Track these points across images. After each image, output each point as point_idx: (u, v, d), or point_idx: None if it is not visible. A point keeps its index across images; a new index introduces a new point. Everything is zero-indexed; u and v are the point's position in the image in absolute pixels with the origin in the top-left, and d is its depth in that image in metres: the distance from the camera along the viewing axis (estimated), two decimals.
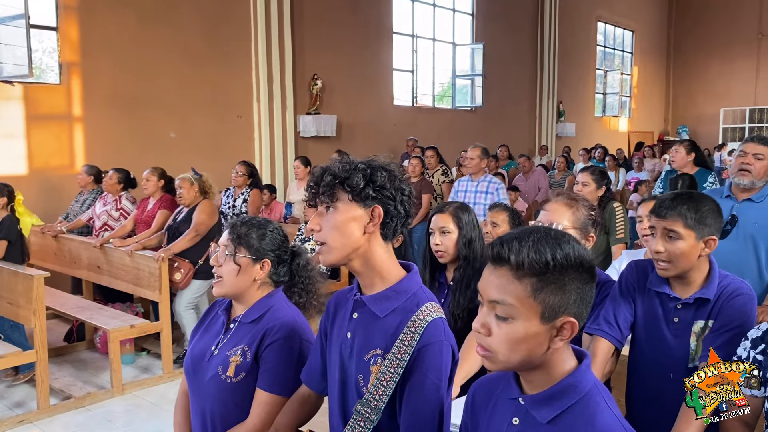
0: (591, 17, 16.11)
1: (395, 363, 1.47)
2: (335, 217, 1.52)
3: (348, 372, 1.59)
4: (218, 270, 1.94)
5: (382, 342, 1.52)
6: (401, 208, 1.55)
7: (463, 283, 2.54)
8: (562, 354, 1.22)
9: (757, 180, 3.17)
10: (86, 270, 5.48)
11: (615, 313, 2.07)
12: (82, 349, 5.50)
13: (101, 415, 4.26)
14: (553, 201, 2.30)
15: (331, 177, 1.52)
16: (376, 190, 1.52)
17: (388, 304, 1.54)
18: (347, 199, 1.52)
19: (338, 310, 1.68)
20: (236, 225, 1.97)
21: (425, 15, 12.06)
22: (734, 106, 17.84)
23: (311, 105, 9.47)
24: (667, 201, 1.97)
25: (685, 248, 1.93)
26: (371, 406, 1.48)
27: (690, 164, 5.00)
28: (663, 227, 1.95)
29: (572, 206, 2.26)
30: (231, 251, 1.93)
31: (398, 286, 1.55)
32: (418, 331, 1.48)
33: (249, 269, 1.93)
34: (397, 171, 1.57)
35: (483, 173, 5.74)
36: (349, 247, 1.53)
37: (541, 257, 1.15)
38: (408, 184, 1.59)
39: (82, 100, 7.16)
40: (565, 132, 15.01)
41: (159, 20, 7.74)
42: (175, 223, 5.12)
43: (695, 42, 18.44)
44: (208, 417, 1.93)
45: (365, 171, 1.52)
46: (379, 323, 1.54)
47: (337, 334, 1.64)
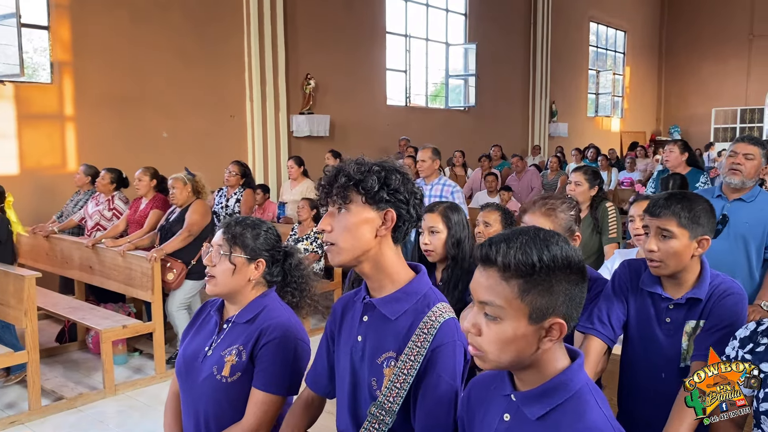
0: (584, 17, 16.16)
1: (408, 365, 1.47)
2: (348, 219, 1.51)
3: (360, 375, 1.58)
4: (212, 270, 1.93)
5: (394, 344, 1.52)
6: (414, 212, 1.55)
7: (451, 283, 2.55)
8: (555, 353, 1.23)
9: (747, 180, 3.19)
10: (78, 270, 5.46)
11: (608, 313, 2.08)
12: (74, 349, 5.47)
13: (93, 416, 4.24)
14: (531, 212, 2.27)
15: (346, 178, 1.50)
16: (390, 194, 1.51)
17: (399, 306, 1.54)
18: (361, 201, 1.51)
19: (345, 314, 1.67)
20: (231, 225, 1.97)
21: (418, 15, 12.07)
22: (725, 107, 17.94)
23: (304, 105, 9.46)
24: (661, 200, 1.98)
25: (678, 247, 1.94)
26: (385, 408, 1.48)
27: (683, 164, 5.02)
28: (657, 226, 1.96)
29: (550, 215, 2.22)
30: (226, 251, 1.92)
31: (408, 288, 1.55)
32: (430, 332, 1.48)
33: (244, 269, 1.92)
34: (410, 174, 1.56)
35: (437, 175, 5.39)
36: (359, 249, 1.52)
37: (528, 259, 1.16)
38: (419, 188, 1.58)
39: (74, 100, 7.13)
40: (558, 132, 15.06)
41: (151, 20, 7.71)
42: (168, 223, 5.10)
43: (687, 42, 18.54)
44: (201, 418, 1.92)
45: (380, 173, 1.51)
46: (391, 325, 1.54)
47: (346, 337, 1.63)
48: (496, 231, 2.91)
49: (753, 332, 1.75)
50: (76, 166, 6.80)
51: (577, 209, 2.34)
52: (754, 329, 1.75)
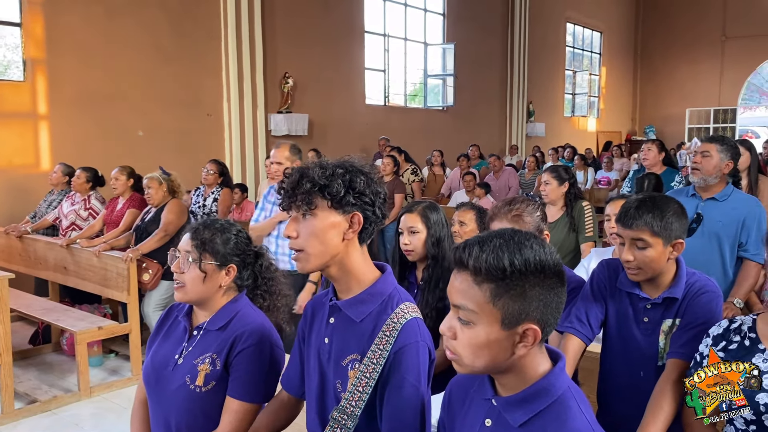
0: (560, 18, 16.30)
1: (371, 368, 1.46)
2: (314, 225, 1.48)
3: (327, 377, 1.57)
4: (180, 277, 1.87)
5: (358, 347, 1.51)
6: (379, 212, 1.53)
7: (431, 283, 2.56)
8: (535, 357, 1.21)
9: (708, 177, 3.22)
10: (52, 271, 5.37)
11: (587, 311, 2.10)
12: (48, 351, 5.39)
13: (68, 419, 4.17)
14: (497, 220, 2.28)
15: (310, 184, 1.47)
16: (356, 197, 1.49)
17: (364, 308, 1.53)
18: (326, 206, 1.48)
19: (315, 315, 1.66)
20: (198, 229, 1.89)
21: (397, 15, 12.08)
22: (699, 107, 18.23)
23: (282, 103, 9.42)
24: (632, 210, 1.97)
25: (654, 255, 1.95)
26: (347, 412, 1.46)
27: (659, 163, 5.10)
28: (630, 237, 1.97)
29: (518, 221, 2.23)
30: (195, 257, 1.85)
31: (373, 289, 1.54)
32: (392, 334, 1.47)
33: (215, 276, 1.87)
34: (373, 173, 1.54)
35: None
36: (327, 254, 1.50)
37: (499, 263, 1.14)
38: (382, 185, 1.56)
39: (48, 98, 7.01)
40: (535, 132, 15.18)
41: (126, 16, 7.61)
42: (143, 223, 5.04)
43: (662, 43, 18.80)
44: (173, 427, 1.86)
45: (345, 177, 1.48)
46: (356, 328, 1.53)
47: (315, 339, 1.62)
48: (472, 230, 2.94)
49: (726, 330, 1.77)
50: (50, 165, 6.69)
51: (542, 209, 2.36)
52: (726, 327, 1.77)
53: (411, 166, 8.22)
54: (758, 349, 1.69)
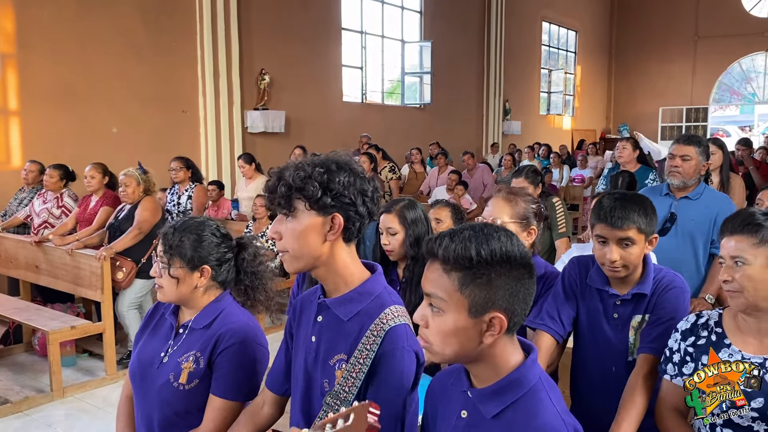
0: (536, 17, 16.41)
1: (357, 368, 1.46)
2: (294, 226, 1.48)
3: (313, 376, 1.57)
4: (158, 280, 1.89)
5: (345, 346, 1.51)
6: (363, 210, 1.50)
7: (413, 282, 2.56)
8: (506, 348, 1.25)
9: (687, 179, 3.29)
10: (24, 270, 5.29)
11: (558, 309, 2.13)
12: (20, 351, 5.30)
13: (40, 419, 4.11)
14: (495, 197, 2.40)
15: (286, 187, 1.46)
16: (334, 198, 1.46)
17: (352, 307, 1.52)
18: (305, 208, 1.46)
19: (303, 313, 1.65)
20: (168, 234, 1.88)
21: (374, 12, 12.06)
22: (672, 105, 18.49)
23: (259, 100, 9.35)
24: (617, 211, 1.97)
25: (638, 252, 1.99)
26: (341, 398, 1.45)
27: (634, 161, 5.17)
28: (618, 237, 1.98)
29: (511, 201, 2.35)
30: (165, 264, 1.85)
31: (362, 288, 1.53)
32: (380, 334, 1.47)
33: (187, 279, 1.87)
34: (358, 170, 1.50)
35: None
36: (310, 256, 1.49)
37: (466, 252, 1.20)
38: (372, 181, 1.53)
39: (18, 94, 6.88)
40: (512, 130, 15.27)
41: (99, 10, 7.49)
42: (117, 221, 4.98)
43: (635, 42, 19.02)
44: (156, 424, 1.87)
45: (321, 178, 1.45)
46: (343, 327, 1.52)
47: (302, 337, 1.61)
48: (448, 226, 2.96)
49: (693, 324, 1.81)
50: (21, 162, 6.57)
51: (539, 207, 2.42)
52: (694, 322, 1.81)
53: (389, 164, 8.23)
54: (724, 344, 1.73)
